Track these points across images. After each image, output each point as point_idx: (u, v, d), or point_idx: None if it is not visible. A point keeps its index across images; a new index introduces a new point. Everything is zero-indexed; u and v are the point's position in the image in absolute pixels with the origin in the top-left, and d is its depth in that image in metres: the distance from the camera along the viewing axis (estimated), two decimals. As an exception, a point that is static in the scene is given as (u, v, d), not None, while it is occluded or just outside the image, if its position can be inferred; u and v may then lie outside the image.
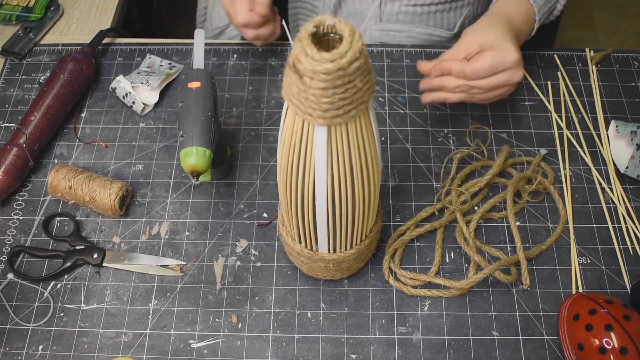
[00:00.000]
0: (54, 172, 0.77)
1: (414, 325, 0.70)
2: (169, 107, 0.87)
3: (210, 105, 0.71)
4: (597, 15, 2.03)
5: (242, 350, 0.69)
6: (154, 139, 0.85)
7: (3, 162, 0.78)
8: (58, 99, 0.83)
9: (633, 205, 0.78)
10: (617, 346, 0.62)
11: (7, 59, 0.93)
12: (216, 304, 0.72)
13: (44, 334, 0.70)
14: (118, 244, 0.76)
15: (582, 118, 0.85)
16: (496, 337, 0.70)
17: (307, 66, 0.47)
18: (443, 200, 0.78)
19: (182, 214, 0.78)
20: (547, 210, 0.78)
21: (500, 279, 0.71)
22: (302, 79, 0.48)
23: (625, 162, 0.79)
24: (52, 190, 0.77)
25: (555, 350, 0.69)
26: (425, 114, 0.86)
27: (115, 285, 0.74)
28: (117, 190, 0.76)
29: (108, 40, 0.95)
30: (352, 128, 0.52)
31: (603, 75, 0.90)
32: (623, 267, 0.74)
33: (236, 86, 0.89)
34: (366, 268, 0.74)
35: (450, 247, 0.75)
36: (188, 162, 0.67)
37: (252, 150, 0.83)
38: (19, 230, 0.78)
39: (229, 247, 0.76)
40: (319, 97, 0.48)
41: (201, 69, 0.73)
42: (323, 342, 0.70)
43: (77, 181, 0.76)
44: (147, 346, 0.70)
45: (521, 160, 0.81)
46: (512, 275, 0.71)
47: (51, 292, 0.73)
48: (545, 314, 0.71)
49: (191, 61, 0.92)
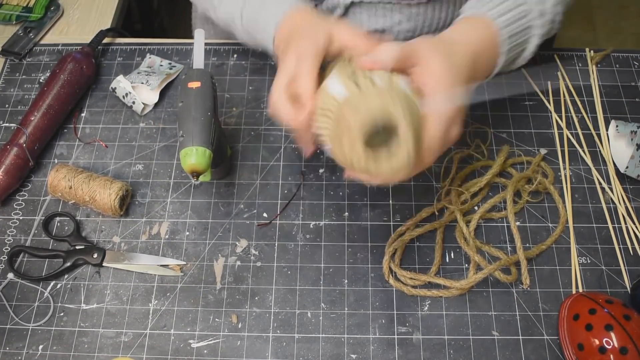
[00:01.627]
0: (54, 172, 0.77)
1: (414, 325, 0.70)
2: (169, 107, 0.87)
3: (210, 105, 0.71)
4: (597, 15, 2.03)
5: (242, 350, 0.69)
6: (154, 139, 0.85)
7: (3, 162, 0.78)
8: (58, 99, 0.83)
9: (633, 205, 0.78)
10: (617, 346, 0.62)
11: (7, 59, 0.93)
12: (216, 303, 0.72)
13: (44, 334, 0.70)
14: (118, 243, 0.76)
15: (582, 118, 0.85)
16: (496, 337, 0.70)
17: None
18: (443, 200, 0.78)
19: (182, 214, 0.78)
20: (547, 210, 0.78)
21: (500, 279, 0.71)
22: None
23: (625, 162, 0.79)
24: (52, 190, 0.77)
25: (555, 350, 0.69)
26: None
27: (115, 285, 0.74)
28: (117, 190, 0.76)
29: (108, 40, 0.95)
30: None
31: (603, 75, 0.90)
32: (623, 267, 0.74)
33: (236, 86, 0.89)
34: (366, 268, 0.74)
35: (450, 247, 0.75)
36: (188, 162, 0.67)
37: (252, 150, 0.83)
38: (19, 230, 0.78)
39: (229, 247, 0.76)
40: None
41: (201, 69, 0.73)
42: (323, 342, 0.70)
43: (77, 181, 0.76)
44: (147, 346, 0.70)
45: (521, 160, 0.81)
46: (512, 275, 0.71)
47: (51, 292, 0.73)
48: (545, 314, 0.71)
49: (191, 61, 0.92)
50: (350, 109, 0.56)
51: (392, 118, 0.54)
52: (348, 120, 0.56)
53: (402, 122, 0.54)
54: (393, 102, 0.55)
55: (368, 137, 0.55)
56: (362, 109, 0.55)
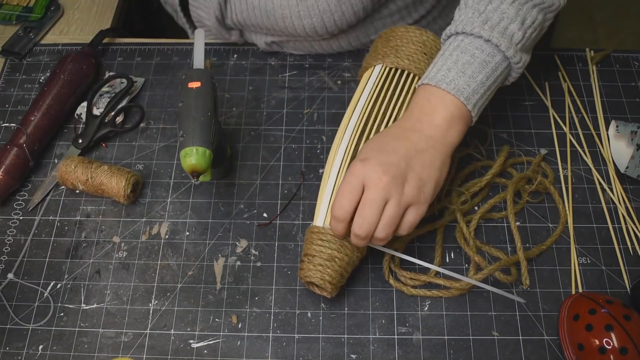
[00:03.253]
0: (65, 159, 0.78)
1: (414, 325, 0.70)
2: (169, 107, 0.87)
3: (210, 105, 0.71)
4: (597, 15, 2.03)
5: (242, 350, 0.69)
6: (154, 139, 0.85)
7: (3, 162, 0.78)
8: (58, 99, 0.83)
9: (633, 205, 0.78)
10: (617, 346, 0.62)
11: (7, 59, 0.93)
12: (216, 304, 0.72)
13: (44, 334, 0.70)
14: (118, 243, 0.76)
15: (582, 118, 0.85)
16: (496, 337, 0.70)
17: None
18: (443, 200, 0.78)
19: (182, 214, 0.78)
20: (547, 210, 0.78)
21: (500, 279, 0.71)
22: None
23: (625, 162, 0.79)
24: (62, 178, 0.78)
25: (555, 350, 0.69)
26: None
27: (115, 285, 0.74)
28: (128, 176, 0.76)
29: (108, 40, 0.94)
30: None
31: (603, 75, 0.90)
32: (623, 267, 0.74)
33: (236, 86, 0.89)
34: (366, 268, 0.74)
35: (450, 247, 0.75)
36: (188, 162, 0.67)
37: (252, 150, 0.83)
38: (19, 230, 0.78)
39: (229, 247, 0.76)
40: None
41: (201, 69, 0.73)
42: (323, 342, 0.70)
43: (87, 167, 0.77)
44: (147, 346, 0.70)
45: (521, 160, 0.81)
46: (512, 275, 0.71)
47: (51, 292, 0.73)
48: (545, 314, 0.71)
49: (191, 61, 0.92)
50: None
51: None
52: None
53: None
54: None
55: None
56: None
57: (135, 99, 0.88)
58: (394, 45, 0.79)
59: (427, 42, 0.79)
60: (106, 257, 0.75)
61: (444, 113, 0.66)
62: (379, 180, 0.61)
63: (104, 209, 0.79)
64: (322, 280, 0.67)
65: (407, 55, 0.77)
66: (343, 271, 0.68)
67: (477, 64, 0.67)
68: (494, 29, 0.67)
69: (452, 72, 0.67)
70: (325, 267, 0.67)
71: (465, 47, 0.68)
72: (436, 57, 0.70)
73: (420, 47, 0.78)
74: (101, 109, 0.84)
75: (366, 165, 0.62)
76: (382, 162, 0.62)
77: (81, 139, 0.82)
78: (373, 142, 0.66)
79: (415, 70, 0.77)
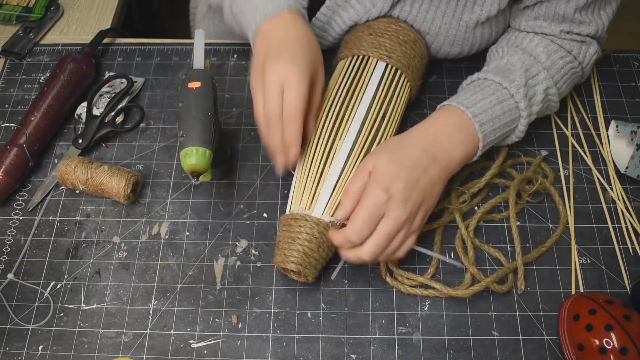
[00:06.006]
0: (65, 159, 0.78)
1: (414, 326, 0.70)
2: (169, 107, 0.87)
3: (210, 105, 0.71)
4: (597, 15, 2.02)
5: (242, 351, 0.69)
6: (154, 139, 0.85)
7: (3, 162, 0.78)
8: (58, 99, 0.83)
9: (633, 205, 0.78)
10: (617, 346, 0.62)
11: (7, 59, 0.93)
12: (216, 304, 0.72)
13: (44, 334, 0.70)
14: (118, 244, 0.76)
15: (582, 118, 0.85)
16: (496, 337, 0.70)
17: None
18: (442, 200, 0.77)
19: (182, 214, 0.78)
20: (547, 210, 0.78)
21: (495, 290, 0.71)
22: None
23: (625, 162, 0.79)
24: (62, 178, 0.77)
25: (555, 350, 0.69)
26: (426, 115, 0.86)
27: (115, 285, 0.74)
28: (128, 176, 0.76)
29: (108, 40, 0.95)
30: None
31: (603, 75, 0.90)
32: (623, 267, 0.74)
33: (236, 86, 0.89)
34: (366, 268, 0.74)
35: (449, 247, 0.75)
36: (188, 162, 0.67)
37: (252, 150, 0.83)
38: (19, 230, 0.78)
39: (229, 247, 0.76)
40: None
41: (201, 69, 0.73)
42: (323, 342, 0.70)
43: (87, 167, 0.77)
44: (147, 346, 0.70)
45: (521, 161, 0.81)
46: (507, 284, 0.71)
47: (51, 292, 0.73)
48: (545, 314, 0.71)
49: (191, 61, 0.92)
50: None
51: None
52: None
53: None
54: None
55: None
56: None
57: (135, 99, 0.88)
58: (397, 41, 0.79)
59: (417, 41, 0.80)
60: (106, 257, 0.75)
61: (466, 152, 0.71)
62: (399, 216, 0.65)
63: (104, 209, 0.79)
64: (293, 264, 0.67)
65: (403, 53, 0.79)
66: (308, 250, 0.68)
67: (499, 109, 0.73)
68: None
69: (480, 103, 0.72)
70: (291, 250, 0.68)
71: (492, 90, 0.73)
72: (467, 92, 0.74)
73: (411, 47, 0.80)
74: (101, 109, 0.84)
75: (391, 201, 0.64)
76: (407, 198, 0.65)
77: (81, 139, 0.83)
78: (395, 165, 0.66)
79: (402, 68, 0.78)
